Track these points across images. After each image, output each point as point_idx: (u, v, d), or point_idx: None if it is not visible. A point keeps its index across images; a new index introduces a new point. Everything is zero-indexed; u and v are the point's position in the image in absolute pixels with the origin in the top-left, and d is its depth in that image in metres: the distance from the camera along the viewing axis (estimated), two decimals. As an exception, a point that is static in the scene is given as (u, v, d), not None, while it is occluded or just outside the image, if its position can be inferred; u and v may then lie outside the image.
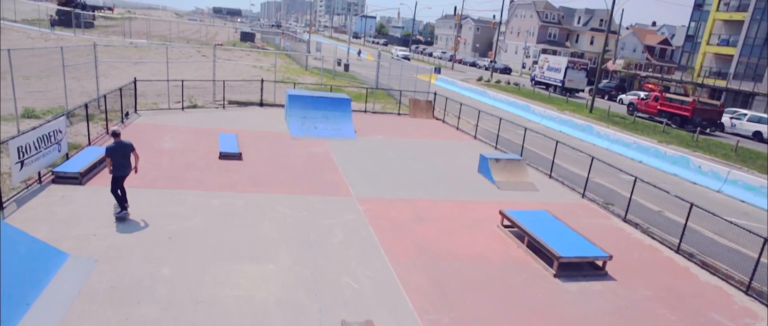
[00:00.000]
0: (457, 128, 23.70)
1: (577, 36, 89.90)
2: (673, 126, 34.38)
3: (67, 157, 12.62)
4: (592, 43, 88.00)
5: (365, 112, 25.17)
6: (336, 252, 9.64)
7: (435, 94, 27.01)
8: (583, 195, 15.40)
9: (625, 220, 13.59)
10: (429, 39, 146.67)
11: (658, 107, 37.39)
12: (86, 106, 14.19)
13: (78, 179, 11.24)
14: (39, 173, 11.15)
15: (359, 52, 72.96)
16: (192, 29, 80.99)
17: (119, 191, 9.97)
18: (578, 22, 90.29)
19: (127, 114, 18.43)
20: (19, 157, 10.06)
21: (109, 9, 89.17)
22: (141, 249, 8.76)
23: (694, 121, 33.87)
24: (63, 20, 56.94)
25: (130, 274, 7.96)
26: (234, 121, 19.93)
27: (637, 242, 12.32)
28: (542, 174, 17.54)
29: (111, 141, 9.95)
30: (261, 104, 23.74)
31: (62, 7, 61.59)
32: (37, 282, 7.16)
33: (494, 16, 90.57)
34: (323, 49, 60.56)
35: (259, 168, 14.31)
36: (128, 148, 9.97)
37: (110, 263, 8.21)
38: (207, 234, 9.67)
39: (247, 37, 72.02)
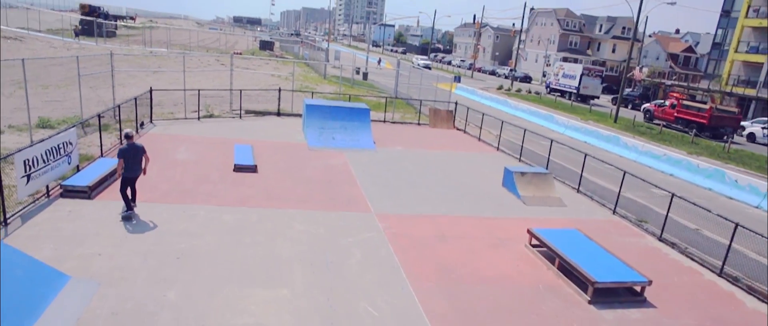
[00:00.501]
0: (479, 139, 22.99)
1: (599, 44, 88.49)
2: (689, 133, 33.96)
3: (77, 169, 12.26)
4: (614, 50, 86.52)
5: (384, 121, 24.60)
6: (354, 275, 9.03)
7: (456, 103, 26.35)
8: (614, 212, 14.58)
9: (660, 239, 12.76)
10: (448, 47, 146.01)
11: (675, 114, 36.99)
12: (99, 116, 13.86)
13: (87, 193, 10.83)
14: (47, 187, 10.76)
15: (379, 61, 72.50)
16: (212, 38, 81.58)
17: (128, 192, 10.20)
18: (600, 30, 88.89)
19: (142, 124, 18.12)
20: (26, 171, 9.67)
21: (132, 18, 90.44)
22: (147, 270, 8.26)
23: (712, 128, 33.28)
24: (86, 30, 57.68)
25: (134, 299, 7.44)
26: (250, 131, 19.52)
27: (675, 264, 11.49)
28: (569, 188, 16.74)
29: (124, 143, 10.15)
30: (278, 114, 23.33)
31: (85, 17, 62.45)
32: (33, 308, 6.68)
33: (514, 25, 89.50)
34: (342, 58, 60.35)
35: (275, 181, 13.80)
36: (140, 151, 10.25)
37: (113, 286, 7.71)
38: (217, 254, 9.14)
39: (266, 45, 72.26)
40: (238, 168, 14.13)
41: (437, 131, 24.17)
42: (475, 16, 72.74)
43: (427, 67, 72.54)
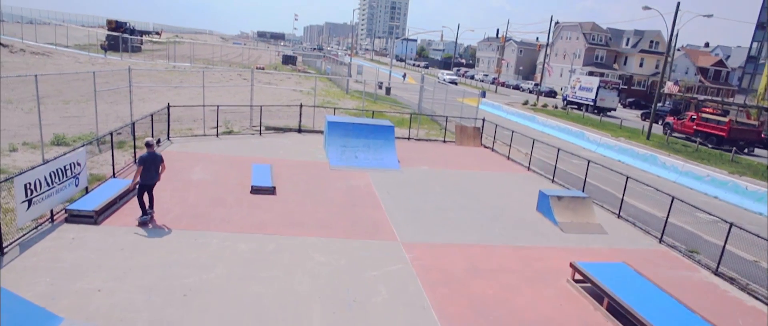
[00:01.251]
0: (508, 157, 21.89)
1: (626, 58, 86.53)
2: (709, 146, 34.48)
3: (86, 190, 11.58)
4: (641, 65, 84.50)
5: (408, 138, 23.69)
6: (379, 316, 8.07)
7: (483, 120, 25.32)
8: (661, 240, 13.36)
9: (716, 273, 11.52)
10: (470, 61, 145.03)
11: (694, 127, 37.11)
12: (111, 134, 13.22)
13: (93, 218, 10.10)
14: (51, 211, 10.07)
15: (404, 76, 71.66)
16: (236, 52, 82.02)
17: (146, 199, 10.65)
18: (626, 44, 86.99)
19: (158, 141, 17.52)
20: (27, 195, 8.98)
21: (157, 34, 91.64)
22: (149, 310, 7.42)
23: (731, 142, 33.07)
24: (112, 45, 58.27)
25: (132, 346, 6.60)
26: (270, 149, 18.78)
27: (736, 302, 10.26)
28: (609, 213, 15.56)
29: (144, 151, 10.56)
30: (299, 130, 22.60)
31: (111, 33, 63.21)
32: (17, 359, 5.87)
33: (537, 39, 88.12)
34: (364, 72, 59.88)
35: (294, 204, 12.95)
36: (158, 159, 10.77)
37: (111, 329, 6.89)
38: (228, 290, 8.26)
39: (288, 60, 72.24)
40: (256, 190, 13.33)
41: (464, 149, 23.16)
42: (498, 30, 72.09)
43: (454, 82, 71.35)
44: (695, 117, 37.65)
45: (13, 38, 54.39)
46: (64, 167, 10.28)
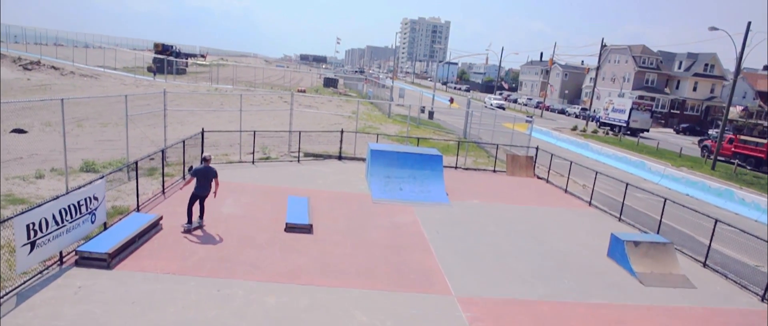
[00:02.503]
0: (566, 191, 19.94)
1: (678, 81, 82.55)
2: (748, 168, 34.87)
3: (104, 226, 10.45)
4: (695, 89, 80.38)
5: (456, 167, 22.03)
6: None
7: (537, 148, 23.44)
8: (763, 298, 11.23)
9: None
10: (513, 85, 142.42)
11: (733, 149, 37.33)
12: (136, 163, 12.15)
13: (105, 261, 8.89)
14: (60, 253, 8.92)
15: (451, 101, 69.99)
16: (278, 75, 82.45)
17: (196, 208, 11.24)
18: (679, 67, 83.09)
19: (191, 168, 16.41)
20: (29, 237, 7.83)
21: (202, 56, 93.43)
22: (153, 392, 6.02)
23: None
24: (158, 67, 59.17)
25: None
26: (308, 179, 17.49)
27: None
28: (692, 260, 13.46)
29: (201, 164, 11.31)
30: (340, 157, 21.30)
31: (158, 55, 64.37)
32: None
33: (582, 62, 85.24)
34: (406, 96, 58.68)
35: (332, 245, 11.49)
36: (212, 173, 11.39)
37: None
38: (252, 361, 6.81)
39: (330, 82, 71.96)
40: (291, 228, 11.96)
41: (516, 180, 21.34)
42: (541, 53, 69.49)
43: (501, 107, 69.15)
44: (733, 139, 37.90)
45: (64, 61, 55.91)
46: (78, 203, 9.15)
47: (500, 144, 24.77)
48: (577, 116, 75.47)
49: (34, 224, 7.91)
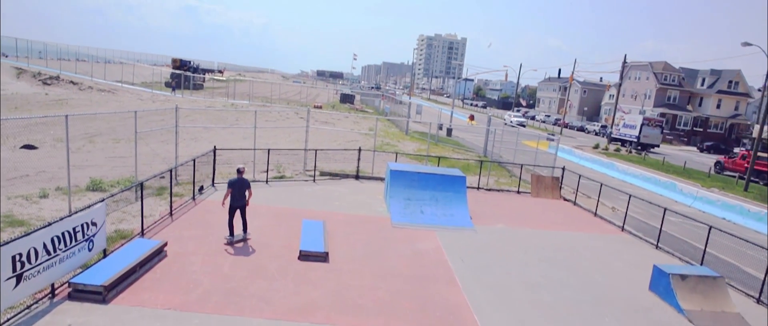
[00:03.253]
0: (595, 214, 18.81)
1: (701, 99, 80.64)
2: (761, 183, 35.56)
3: (104, 253, 9.67)
4: (718, 106, 78.40)
5: (478, 188, 21.02)
6: None
7: (563, 169, 22.35)
8: (830, 342, 10.03)
9: None
10: (531, 101, 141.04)
11: (746, 165, 37.32)
12: (141, 184, 11.40)
13: (101, 294, 8.08)
14: (52, 285, 8.12)
15: (471, 118, 68.90)
16: (294, 91, 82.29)
17: (239, 221, 11.84)
18: (702, 84, 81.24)
19: (201, 188, 15.73)
20: (15, 269, 7.05)
21: (220, 72, 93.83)
22: None
23: None
24: (176, 83, 59.24)
25: None
26: (323, 200, 16.64)
27: None
28: (743, 295, 12.26)
29: (235, 176, 11.70)
30: (357, 176, 20.44)
31: (175, 71, 64.56)
32: None
33: (601, 79, 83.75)
34: (423, 112, 57.88)
35: (349, 275, 10.57)
36: (246, 184, 11.81)
37: None
38: None
39: (346, 98, 71.51)
40: (305, 256, 11.07)
41: (542, 202, 20.26)
42: (560, 70, 68.11)
43: (522, 124, 67.73)
44: (746, 155, 38.74)
45: (83, 76, 56.21)
46: (74, 229, 8.37)
47: (524, 164, 23.72)
48: (596, 134, 73.96)
49: (21, 255, 7.13)
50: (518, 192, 21.42)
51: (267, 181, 18.14)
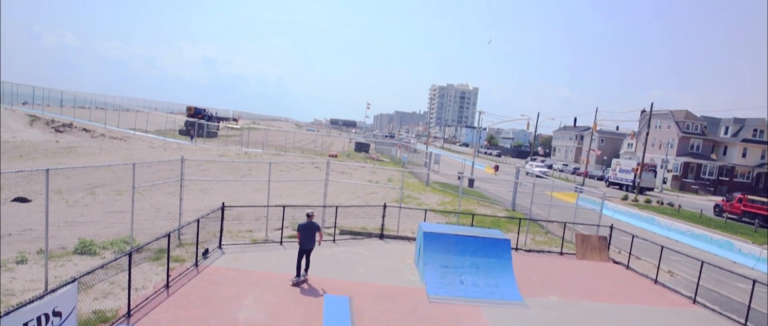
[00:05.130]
0: (656, 281, 16.39)
1: (725, 148, 78.08)
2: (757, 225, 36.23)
3: (76, 348, 7.57)
4: (744, 155, 75.71)
5: (516, 249, 18.70)
6: None
7: (611, 227, 20.03)
8: None
9: None
10: (546, 150, 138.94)
11: (742, 208, 40.01)
12: (130, 254, 9.36)
13: None
14: (-6, 402, 6.02)
15: (496, 168, 66.87)
16: (309, 139, 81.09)
17: (303, 262, 12.35)
18: (725, 133, 78.92)
19: (206, 251, 13.66)
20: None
21: (234, 120, 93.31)
22: None
23: None
24: (191, 130, 58.30)
25: None
26: (346, 265, 14.47)
27: None
28: None
29: (304, 220, 12.09)
30: (381, 236, 18.29)
31: (190, 118, 63.78)
32: None
33: (617, 128, 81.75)
34: (441, 162, 56.01)
35: (385, 374, 8.32)
36: (315, 228, 12.29)
37: None
38: None
39: (361, 147, 70.02)
40: (328, 346, 8.91)
41: (589, 265, 17.90)
42: (575, 119, 65.93)
43: (545, 174, 65.52)
44: (742, 199, 40.76)
45: (96, 123, 55.37)
46: (27, 323, 6.30)
47: (567, 222, 21.41)
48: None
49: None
50: (561, 253, 19.08)
51: (281, 241, 16.06)
